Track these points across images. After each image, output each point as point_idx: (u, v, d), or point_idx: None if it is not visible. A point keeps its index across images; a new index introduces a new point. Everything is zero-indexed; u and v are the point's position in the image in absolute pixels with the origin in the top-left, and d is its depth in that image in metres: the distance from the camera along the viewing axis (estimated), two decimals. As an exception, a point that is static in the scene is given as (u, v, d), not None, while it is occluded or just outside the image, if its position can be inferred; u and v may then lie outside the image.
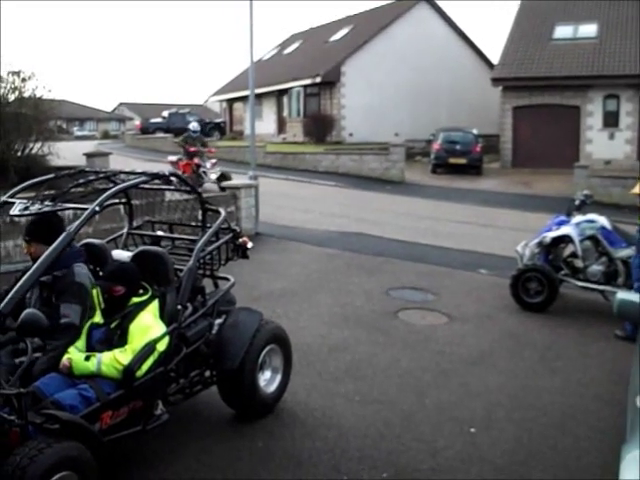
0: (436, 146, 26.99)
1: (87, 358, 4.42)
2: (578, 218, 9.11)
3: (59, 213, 5.01)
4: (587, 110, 27.38)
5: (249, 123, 16.08)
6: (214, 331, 5.35)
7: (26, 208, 4.63)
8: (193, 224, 6.92)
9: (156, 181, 5.56)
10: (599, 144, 26.90)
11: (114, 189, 4.86)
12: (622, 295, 4.77)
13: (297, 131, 35.91)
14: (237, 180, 14.87)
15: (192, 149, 17.77)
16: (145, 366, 4.48)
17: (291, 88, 37.08)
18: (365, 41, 35.68)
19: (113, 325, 4.67)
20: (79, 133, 63.81)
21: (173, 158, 18.54)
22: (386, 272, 10.79)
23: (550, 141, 27.26)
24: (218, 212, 5.93)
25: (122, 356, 4.41)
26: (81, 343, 4.57)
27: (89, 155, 16.95)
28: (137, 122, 51.65)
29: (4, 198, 4.94)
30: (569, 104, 27.62)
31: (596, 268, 8.87)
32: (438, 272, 10.90)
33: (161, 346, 4.60)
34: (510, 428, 5.48)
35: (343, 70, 34.68)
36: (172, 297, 4.95)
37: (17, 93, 16.19)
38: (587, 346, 7.62)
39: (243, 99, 39.69)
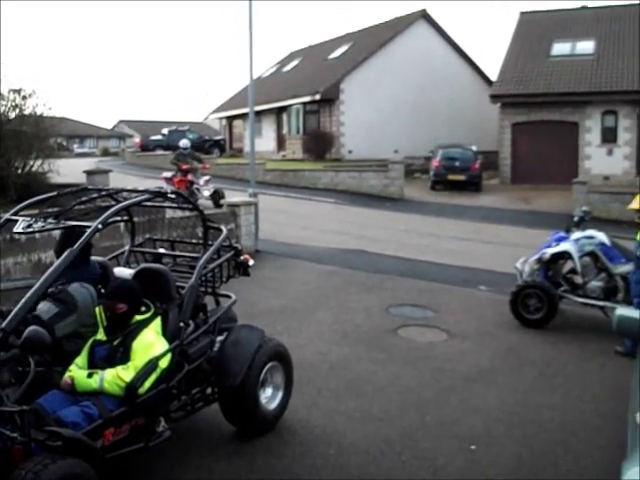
0: (435, 163, 27.05)
1: (90, 375, 4.43)
2: (577, 234, 9.13)
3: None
4: (585, 126, 27.50)
5: (249, 140, 16.14)
6: (215, 348, 5.35)
7: (29, 226, 4.68)
8: (194, 241, 6.94)
9: (158, 199, 5.59)
10: (598, 160, 26.99)
11: (117, 207, 4.90)
12: (621, 311, 4.77)
13: (296, 148, 36.00)
14: (237, 197, 14.91)
15: (184, 166, 17.83)
16: (147, 383, 4.48)
17: (290, 105, 37.21)
18: (364, 58, 35.84)
19: (116, 342, 4.66)
20: (79, 150, 63.90)
21: (167, 174, 18.58)
22: (386, 289, 10.79)
23: (549, 157, 27.34)
24: (220, 230, 5.97)
25: (125, 373, 4.41)
26: (83, 360, 4.60)
27: (89, 172, 16.93)
28: (137, 139, 51.74)
29: (7, 216, 4.98)
30: (567, 120, 27.75)
31: (595, 284, 8.88)
32: (438, 289, 10.91)
33: (163, 363, 4.60)
34: (510, 445, 5.46)
35: (342, 87, 34.82)
36: (174, 314, 4.97)
37: (18, 111, 16.22)
38: (587, 362, 7.61)
39: (243, 116, 39.83)
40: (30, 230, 4.72)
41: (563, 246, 9.08)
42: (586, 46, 29.24)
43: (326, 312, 9.31)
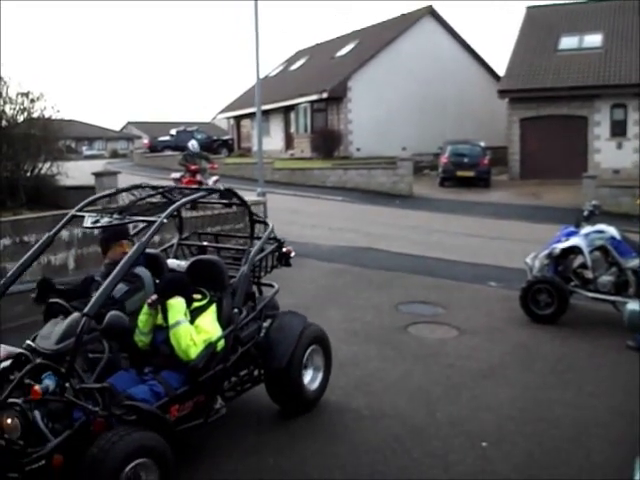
0: (444, 159, 27.00)
1: (176, 324, 4.85)
2: (587, 229, 9.07)
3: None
4: (594, 120, 27.35)
5: (257, 140, 16.12)
6: (262, 333, 5.75)
7: (97, 221, 5.06)
8: (238, 235, 7.15)
9: (212, 195, 6.14)
10: (607, 154, 26.85)
11: (180, 202, 5.28)
12: (633, 306, 4.73)
13: (305, 147, 36.00)
14: (245, 197, 14.88)
15: (193, 167, 17.83)
16: (207, 364, 4.87)
17: (298, 104, 37.21)
18: (371, 56, 35.81)
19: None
20: (88, 152, 64.07)
21: (176, 175, 18.60)
22: (395, 286, 10.77)
23: (558, 152, 27.20)
24: (266, 224, 6.54)
25: (196, 337, 4.81)
26: (145, 339, 5.01)
27: (98, 174, 16.94)
28: (145, 141, 51.81)
29: (73, 212, 5.36)
30: (576, 114, 27.60)
31: (606, 279, 8.82)
32: (447, 285, 10.88)
33: (220, 345, 5.02)
34: (522, 442, 5.43)
35: (350, 85, 34.80)
36: (228, 301, 5.37)
37: (26, 114, 16.29)
38: (599, 357, 7.57)
39: (250, 116, 39.85)
40: (98, 225, 5.07)
41: (573, 241, 9.02)
42: (594, 39, 29.09)
43: (336, 310, 9.30)
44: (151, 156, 40.61)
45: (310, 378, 6.02)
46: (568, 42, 29.56)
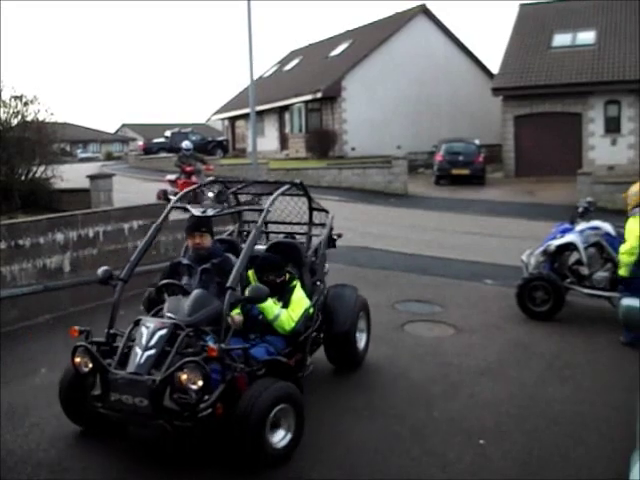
0: (438, 157, 27.03)
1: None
2: (582, 225, 9.08)
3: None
4: (588, 117, 27.40)
5: (251, 140, 16.11)
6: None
7: (205, 211, 5.70)
8: (301, 222, 7.68)
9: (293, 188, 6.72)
10: (602, 150, 26.90)
11: (279, 191, 6.08)
12: (628, 301, 4.72)
13: (299, 147, 36.00)
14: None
15: (188, 168, 17.82)
16: (304, 328, 5.88)
17: (292, 104, 37.20)
18: (364, 55, 35.81)
19: (274, 299, 5.70)
20: (82, 155, 63.98)
21: (172, 177, 18.61)
22: (392, 285, 10.77)
23: (553, 149, 27.26)
24: (327, 212, 7.44)
25: (293, 314, 5.69)
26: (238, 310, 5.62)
27: (93, 177, 16.91)
28: (140, 143, 51.78)
29: (172, 204, 5.97)
30: (570, 111, 27.65)
31: (602, 275, 8.83)
32: (444, 284, 10.88)
33: (311, 312, 6.08)
34: (520, 439, 5.43)
35: (344, 85, 34.79)
36: (308, 277, 6.38)
37: (20, 117, 16.25)
38: (596, 353, 7.58)
39: (245, 117, 39.82)
40: (207, 214, 5.68)
41: (568, 237, 9.04)
42: (587, 36, 29.14)
43: (332, 310, 9.26)
44: (146, 158, 40.56)
45: (359, 339, 7.01)
46: (561, 39, 29.62)
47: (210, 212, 5.66)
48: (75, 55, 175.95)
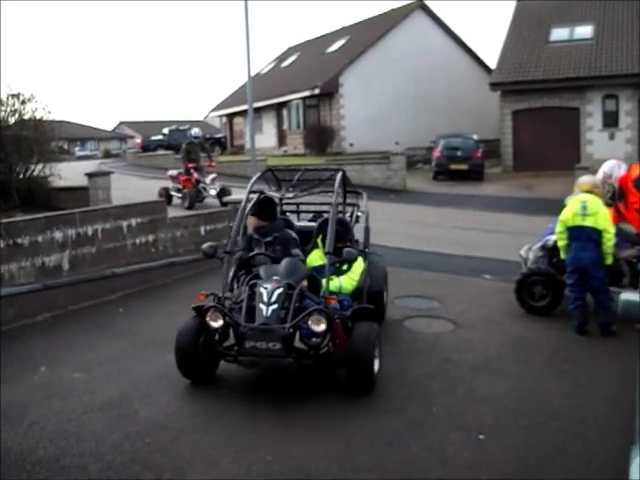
0: (437, 153, 27.00)
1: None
2: (580, 220, 9.05)
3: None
4: (586, 111, 27.39)
5: (249, 137, 16.07)
6: None
7: (281, 198, 7.94)
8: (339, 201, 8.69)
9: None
10: (600, 144, 26.87)
11: (339, 176, 7.54)
12: (626, 296, 4.73)
13: (298, 143, 35.96)
14: (239, 195, 14.86)
15: (190, 165, 17.72)
16: (364, 286, 7.35)
17: (290, 101, 37.15)
18: (362, 51, 35.74)
19: (338, 265, 7.13)
20: (80, 153, 63.81)
21: (173, 172, 18.55)
22: (391, 281, 10.68)
23: (551, 143, 27.25)
24: (360, 193, 9.16)
25: (353, 276, 7.18)
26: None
27: (91, 175, 16.84)
28: (138, 140, 51.68)
29: (247, 192, 7.34)
30: (568, 106, 27.64)
31: (600, 269, 8.80)
32: (443, 279, 10.89)
33: (364, 274, 7.41)
34: (519, 433, 5.44)
35: (341, 81, 34.74)
36: (355, 247, 7.74)
37: (17, 116, 16.19)
38: (594, 348, 7.59)
39: (243, 113, 39.75)
40: (291, 197, 7.80)
41: (567, 232, 9.01)
42: (585, 31, 29.11)
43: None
44: (144, 155, 40.49)
45: (386, 297, 8.58)
46: (559, 34, 29.58)
47: (288, 195, 7.70)
48: (72, 53, 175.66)
